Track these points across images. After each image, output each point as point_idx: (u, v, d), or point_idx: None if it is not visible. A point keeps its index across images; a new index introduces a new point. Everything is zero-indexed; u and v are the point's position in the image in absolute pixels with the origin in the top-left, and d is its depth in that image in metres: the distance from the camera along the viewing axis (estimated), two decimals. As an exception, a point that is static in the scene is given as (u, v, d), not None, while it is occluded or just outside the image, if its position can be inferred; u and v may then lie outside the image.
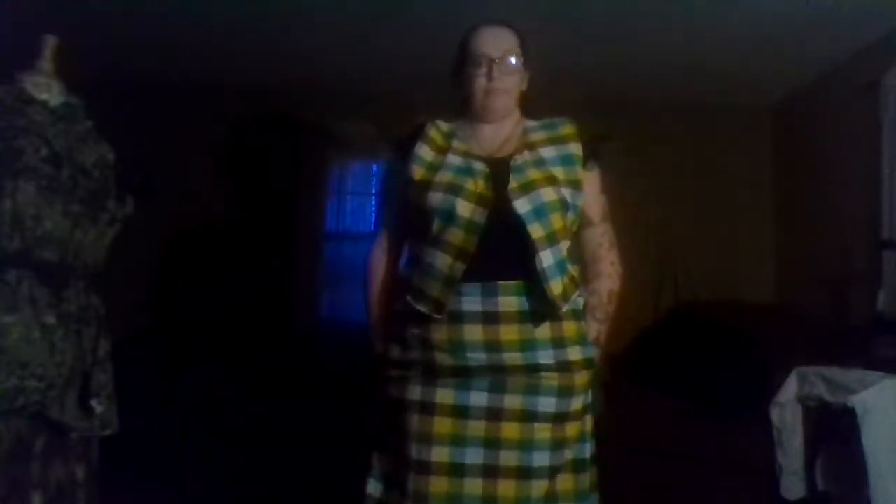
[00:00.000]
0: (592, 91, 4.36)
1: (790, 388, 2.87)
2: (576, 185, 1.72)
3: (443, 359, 1.63)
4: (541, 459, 1.61)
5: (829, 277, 3.84)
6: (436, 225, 1.65)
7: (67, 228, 1.70)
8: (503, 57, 1.76)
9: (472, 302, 1.62)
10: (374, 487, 1.74)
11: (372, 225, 4.55)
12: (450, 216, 1.63)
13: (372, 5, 3.49)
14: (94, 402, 1.72)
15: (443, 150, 1.74)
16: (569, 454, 1.67)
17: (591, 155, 1.80)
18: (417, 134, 1.78)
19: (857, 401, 2.46)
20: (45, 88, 1.77)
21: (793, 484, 2.91)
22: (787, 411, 2.91)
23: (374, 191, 4.64)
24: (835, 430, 2.78)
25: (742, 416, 3.13)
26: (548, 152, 1.74)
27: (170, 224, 4.19)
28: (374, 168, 4.65)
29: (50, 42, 1.81)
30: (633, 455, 3.34)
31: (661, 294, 4.43)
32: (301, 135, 4.44)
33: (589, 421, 1.73)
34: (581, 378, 1.67)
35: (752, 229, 4.55)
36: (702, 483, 3.13)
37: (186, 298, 4.30)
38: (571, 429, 1.66)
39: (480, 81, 1.75)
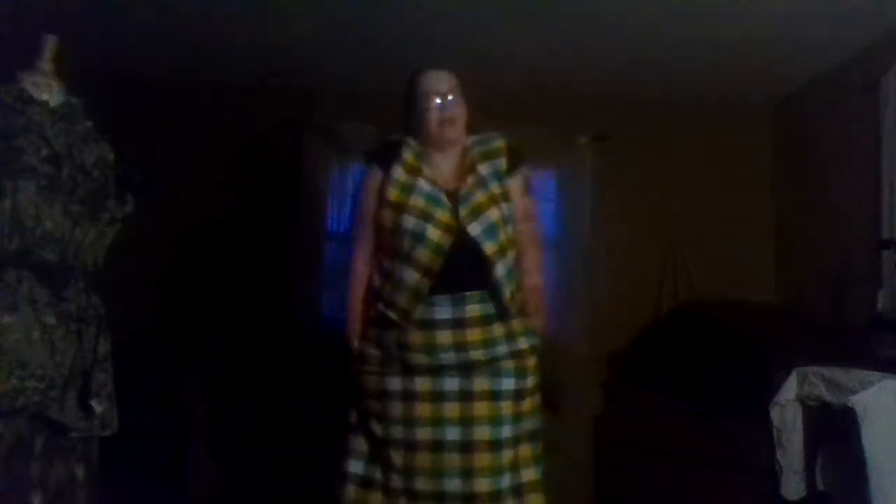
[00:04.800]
0: (593, 91, 4.36)
1: (790, 388, 2.87)
2: (506, 196, 2.02)
3: (419, 359, 1.92)
4: (507, 431, 1.92)
5: (829, 277, 3.84)
6: (407, 244, 1.93)
7: (67, 228, 1.70)
8: (449, 91, 2.04)
9: (443, 311, 1.92)
10: (355, 466, 2.00)
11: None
12: (420, 238, 1.91)
13: (373, 6, 3.49)
14: (94, 402, 1.72)
15: (414, 171, 2.01)
16: (526, 425, 1.98)
17: (514, 166, 2.07)
18: (392, 153, 2.03)
19: (857, 401, 2.46)
20: (45, 88, 1.77)
21: (793, 484, 2.91)
22: (787, 411, 2.91)
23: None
24: (835, 430, 2.78)
25: (742, 416, 3.13)
26: (484, 169, 2.02)
27: (170, 224, 4.20)
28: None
29: (50, 42, 1.81)
30: (634, 455, 3.35)
31: (662, 294, 4.43)
32: (301, 135, 4.44)
33: (538, 397, 2.04)
34: (531, 362, 2.00)
35: (752, 229, 4.55)
36: (702, 483, 3.13)
37: (187, 298, 4.30)
38: (527, 404, 1.98)
39: (433, 113, 2.01)
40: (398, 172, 2.00)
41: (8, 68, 1.76)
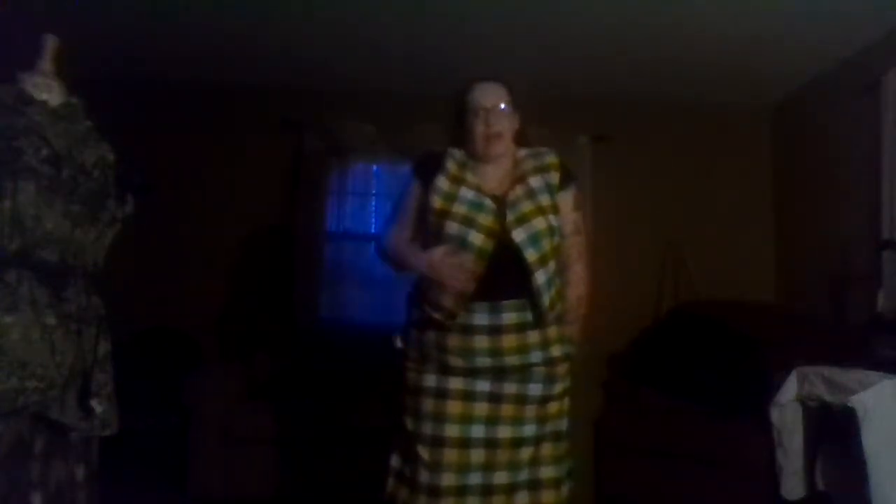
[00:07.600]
0: (593, 91, 4.36)
1: (790, 388, 2.87)
2: (555, 209, 2.07)
3: (455, 361, 1.99)
4: (529, 431, 2.01)
5: (829, 277, 3.84)
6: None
7: (67, 228, 1.70)
8: (495, 106, 2.07)
9: (480, 317, 1.98)
10: (394, 459, 2.08)
11: (372, 226, 4.55)
12: (463, 243, 1.97)
13: (372, 6, 3.49)
14: (94, 402, 1.72)
15: (457, 180, 2.06)
16: (550, 427, 2.05)
17: (566, 181, 2.12)
18: (436, 164, 2.09)
19: (857, 401, 2.46)
20: (45, 88, 1.77)
21: (793, 484, 2.91)
22: (787, 411, 2.91)
23: (374, 191, 4.64)
24: (835, 430, 2.78)
25: (742, 415, 3.13)
26: (535, 182, 2.07)
27: (170, 224, 4.19)
28: (374, 168, 4.65)
29: (50, 42, 1.81)
30: (634, 455, 3.35)
31: (662, 294, 4.43)
32: (301, 135, 4.44)
33: (567, 402, 2.10)
34: (562, 369, 2.07)
35: (752, 229, 4.55)
36: (702, 483, 3.13)
37: (187, 298, 4.30)
38: (553, 407, 2.05)
39: (479, 129, 2.06)
40: (441, 182, 2.06)
41: (8, 68, 1.76)
